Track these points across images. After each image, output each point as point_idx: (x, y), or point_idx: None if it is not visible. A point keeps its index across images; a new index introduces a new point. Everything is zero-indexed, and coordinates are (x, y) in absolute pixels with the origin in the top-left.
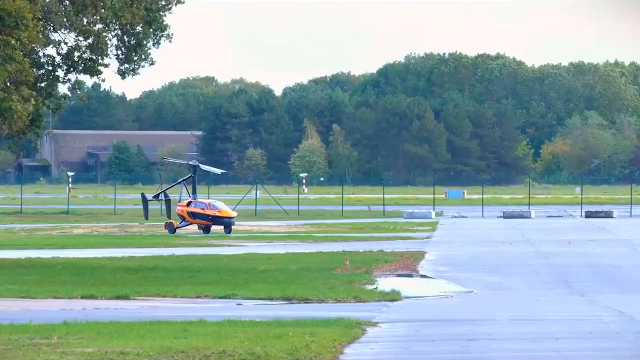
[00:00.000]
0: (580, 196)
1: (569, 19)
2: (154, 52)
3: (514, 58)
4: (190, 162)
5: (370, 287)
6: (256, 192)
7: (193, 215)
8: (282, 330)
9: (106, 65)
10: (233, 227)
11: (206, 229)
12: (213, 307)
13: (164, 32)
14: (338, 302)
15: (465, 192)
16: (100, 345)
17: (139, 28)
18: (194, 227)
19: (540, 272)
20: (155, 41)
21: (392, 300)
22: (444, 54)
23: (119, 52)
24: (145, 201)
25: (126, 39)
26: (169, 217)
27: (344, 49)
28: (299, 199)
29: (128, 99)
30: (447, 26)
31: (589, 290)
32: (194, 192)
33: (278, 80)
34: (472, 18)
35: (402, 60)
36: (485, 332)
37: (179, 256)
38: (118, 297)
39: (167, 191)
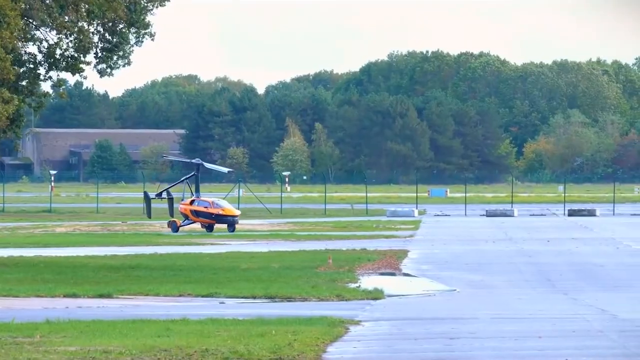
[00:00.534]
0: (563, 194)
1: (553, 17)
2: (136, 51)
3: (497, 56)
4: (193, 161)
5: (353, 285)
6: (239, 191)
7: (196, 213)
8: (265, 329)
9: (88, 63)
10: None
11: (209, 228)
12: (196, 305)
13: (146, 30)
14: (321, 301)
15: (448, 190)
16: (83, 343)
17: (120, 26)
18: (196, 226)
19: (523, 270)
20: (137, 40)
21: (375, 298)
22: (427, 52)
23: (99, 50)
24: (147, 199)
25: (108, 37)
26: (171, 215)
27: (327, 47)
28: (281, 197)
29: (110, 97)
30: (430, 24)
31: (571, 289)
32: (197, 190)
33: (261, 79)
34: (455, 16)
35: (385, 59)
36: (468, 331)
37: (161, 255)
38: (101, 296)
39: (170, 189)
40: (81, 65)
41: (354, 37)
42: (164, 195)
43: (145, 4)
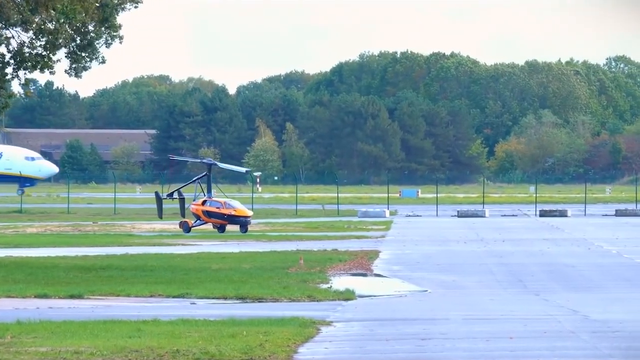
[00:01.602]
0: (534, 195)
1: (524, 18)
2: (107, 51)
3: (468, 57)
4: (205, 160)
5: (324, 286)
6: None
7: (208, 214)
8: (236, 330)
9: (57, 61)
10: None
11: (221, 228)
12: (167, 306)
13: (116, 32)
14: (292, 301)
15: (420, 191)
16: (54, 344)
17: (90, 27)
18: (207, 226)
19: (495, 271)
20: (106, 42)
21: (347, 299)
22: (398, 52)
23: (69, 50)
24: (159, 200)
25: (78, 38)
26: (182, 216)
27: (298, 47)
28: (252, 197)
29: (81, 97)
30: (401, 25)
31: (543, 290)
32: (209, 190)
33: (232, 79)
34: (426, 16)
35: (357, 59)
36: (439, 332)
37: (132, 255)
38: (72, 296)
39: (182, 190)
40: (50, 63)
41: (325, 37)
42: (175, 195)
43: (119, 3)
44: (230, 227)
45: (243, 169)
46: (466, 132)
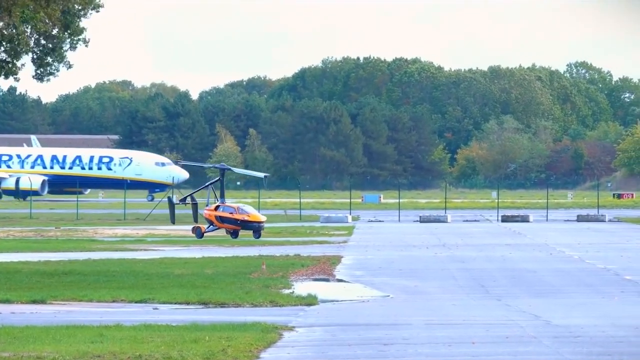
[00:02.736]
0: (496, 200)
1: (486, 23)
2: (70, 56)
3: (430, 62)
4: (218, 165)
5: (286, 291)
6: (172, 197)
7: (221, 219)
8: (199, 335)
9: (22, 66)
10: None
11: (234, 234)
12: (129, 311)
13: (80, 35)
14: (255, 307)
15: (382, 196)
16: (16, 349)
17: (54, 32)
18: (220, 231)
19: (457, 276)
20: (71, 45)
21: (309, 304)
22: (361, 58)
23: (34, 55)
24: (171, 205)
25: (43, 42)
26: (195, 221)
27: (260, 53)
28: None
29: (44, 102)
30: (363, 30)
31: (505, 295)
32: (222, 196)
33: (195, 85)
34: (389, 22)
35: (319, 65)
36: (401, 337)
37: (95, 260)
38: (34, 302)
39: (194, 195)
40: (14, 69)
41: (288, 42)
42: (188, 200)
43: (80, 9)
44: (243, 233)
45: (261, 174)
46: (428, 138)
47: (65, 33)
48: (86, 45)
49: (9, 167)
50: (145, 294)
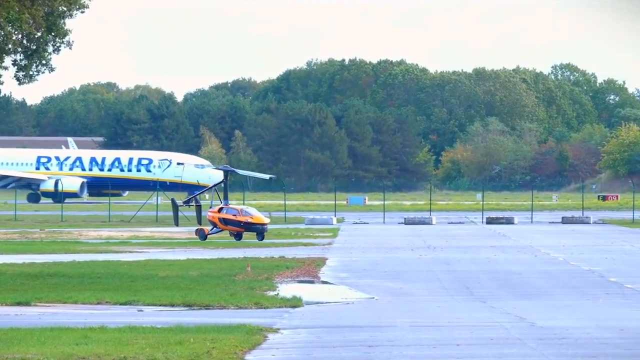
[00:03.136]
0: (481, 202)
1: (471, 25)
2: (54, 58)
3: (415, 64)
4: (221, 167)
5: (271, 293)
6: (157, 199)
7: (225, 221)
8: (184, 337)
9: (5, 68)
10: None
11: (238, 236)
12: (114, 313)
13: (64, 37)
14: (239, 309)
15: (367, 198)
16: (0, 351)
17: (38, 34)
18: (224, 234)
19: (441, 278)
20: (55, 47)
21: (294, 306)
22: (346, 60)
23: (18, 57)
24: (175, 207)
25: (26, 44)
26: (199, 223)
27: (245, 54)
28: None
29: (29, 104)
30: (348, 32)
31: (490, 297)
32: (226, 198)
33: (180, 87)
34: (373, 24)
35: (304, 67)
36: (386, 339)
37: (80, 262)
38: (19, 304)
39: (198, 196)
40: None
41: (272, 44)
42: (192, 202)
43: (65, 10)
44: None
45: (267, 176)
46: (413, 140)
47: (50, 35)
48: (70, 48)
49: (47, 169)
50: (130, 296)
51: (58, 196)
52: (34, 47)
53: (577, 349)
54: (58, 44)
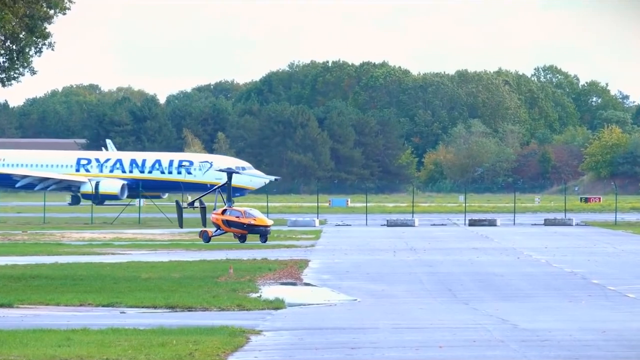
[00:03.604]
0: (463, 204)
1: (454, 27)
2: (36, 60)
3: (398, 66)
4: (225, 169)
5: (254, 295)
6: (140, 201)
7: (228, 223)
8: (166, 339)
9: None
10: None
11: (242, 238)
12: (96, 315)
13: (46, 39)
14: (222, 311)
15: (349, 200)
16: None
17: (21, 35)
18: (228, 236)
19: (424, 280)
20: (37, 49)
21: (276, 308)
22: (328, 62)
23: (0, 60)
24: (179, 209)
25: (8, 46)
26: (204, 225)
27: (227, 56)
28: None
29: (11, 106)
30: (331, 34)
31: (472, 299)
32: (229, 199)
33: (162, 88)
34: (356, 26)
35: (286, 69)
36: (369, 341)
37: (62, 264)
38: (1, 305)
39: (202, 198)
40: None
41: (255, 46)
42: (196, 204)
43: (46, 10)
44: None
45: (271, 177)
46: (395, 142)
47: (33, 37)
48: (52, 49)
49: (87, 171)
50: (113, 298)
51: (98, 198)
52: (16, 49)
53: (560, 351)
54: (40, 46)
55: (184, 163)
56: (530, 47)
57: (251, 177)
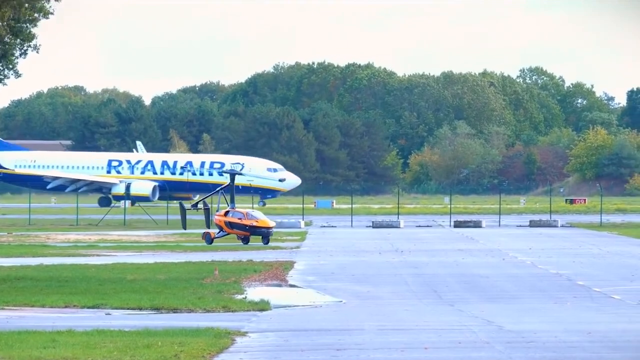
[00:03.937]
0: (449, 206)
1: (439, 28)
2: (21, 62)
3: (384, 68)
4: (228, 170)
5: (239, 296)
6: (125, 202)
7: (230, 225)
8: (151, 340)
9: None
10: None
11: (245, 240)
12: (82, 316)
13: (31, 41)
14: (207, 312)
15: (335, 201)
16: None
17: (5, 39)
18: (231, 237)
19: (409, 281)
20: (22, 51)
21: (261, 310)
22: (314, 63)
23: None
24: (183, 210)
25: None
26: (207, 226)
27: (213, 58)
28: (167, 208)
29: None
30: (316, 35)
31: (457, 300)
32: (232, 201)
33: (147, 90)
34: (341, 27)
35: (271, 70)
36: (354, 342)
37: (47, 266)
38: None
39: (206, 200)
40: None
41: (240, 48)
42: (200, 206)
43: (32, 13)
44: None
45: (276, 178)
46: (381, 143)
47: (18, 40)
48: (37, 52)
49: (118, 172)
50: (98, 300)
51: (129, 200)
52: (1, 52)
53: (545, 353)
54: (25, 48)
55: (215, 165)
56: (516, 49)
57: (282, 178)
